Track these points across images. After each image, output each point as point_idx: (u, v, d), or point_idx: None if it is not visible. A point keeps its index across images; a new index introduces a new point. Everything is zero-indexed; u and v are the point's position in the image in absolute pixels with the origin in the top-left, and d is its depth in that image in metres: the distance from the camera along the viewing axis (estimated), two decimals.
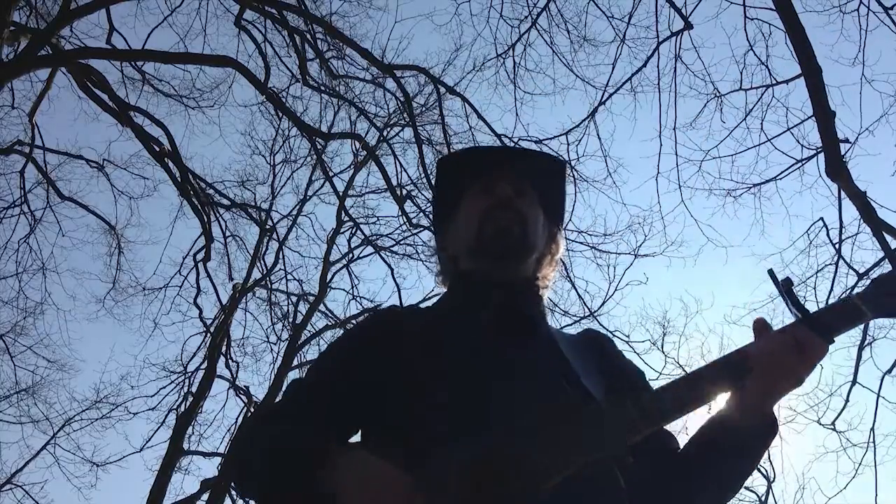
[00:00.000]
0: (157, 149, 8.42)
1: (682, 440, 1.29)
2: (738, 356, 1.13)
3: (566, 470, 1.01)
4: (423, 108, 9.18)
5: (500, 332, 1.26)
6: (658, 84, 6.62)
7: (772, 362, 1.10)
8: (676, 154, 6.50)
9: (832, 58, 6.34)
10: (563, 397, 1.07)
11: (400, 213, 8.71)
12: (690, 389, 1.10)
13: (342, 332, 1.58)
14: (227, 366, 10.89)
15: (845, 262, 6.44)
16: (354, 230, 11.35)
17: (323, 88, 9.23)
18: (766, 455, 1.22)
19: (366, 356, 1.26)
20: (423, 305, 1.57)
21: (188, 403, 10.42)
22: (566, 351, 1.29)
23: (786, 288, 1.15)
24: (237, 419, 10.81)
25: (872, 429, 6.72)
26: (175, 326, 10.96)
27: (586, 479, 1.03)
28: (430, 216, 1.62)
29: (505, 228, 1.37)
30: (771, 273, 1.17)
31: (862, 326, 6.59)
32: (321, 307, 11.41)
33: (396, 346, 1.25)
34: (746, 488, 8.13)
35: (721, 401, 1.18)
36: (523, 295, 1.38)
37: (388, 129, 9.83)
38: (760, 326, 1.16)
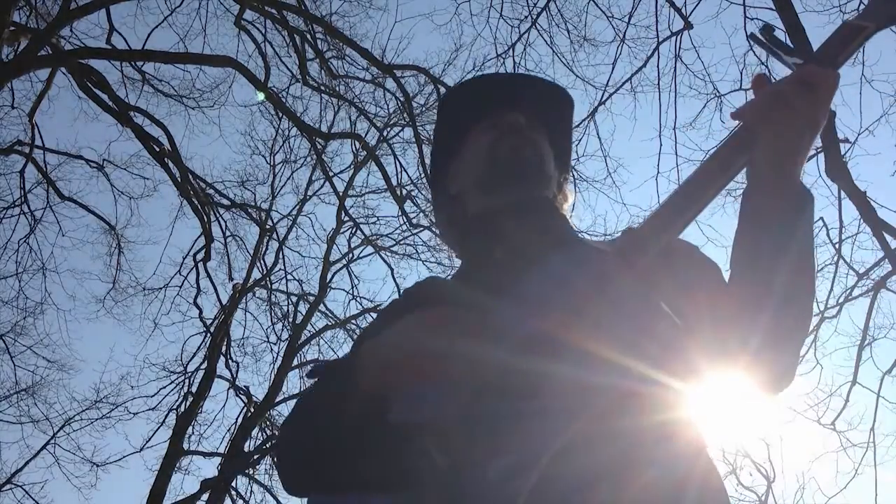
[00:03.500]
0: (157, 149, 8.41)
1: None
2: (738, 124, 0.99)
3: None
4: (423, 108, 9.16)
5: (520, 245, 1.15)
6: (658, 84, 6.61)
7: (783, 108, 0.97)
8: (676, 154, 6.49)
9: None
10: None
11: (400, 213, 8.74)
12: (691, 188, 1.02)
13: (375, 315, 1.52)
14: (227, 366, 10.91)
15: (845, 261, 6.46)
16: (354, 230, 11.36)
17: (323, 88, 9.24)
18: (813, 267, 1.01)
19: None
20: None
21: (188, 403, 10.42)
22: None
23: (769, 37, 1.02)
24: (237, 419, 10.83)
25: (872, 429, 6.73)
26: (175, 326, 11.01)
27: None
28: (429, 166, 1.49)
29: (519, 148, 1.27)
30: (752, 35, 1.04)
31: (862, 326, 6.60)
32: (321, 307, 11.42)
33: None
34: (746, 487, 8.14)
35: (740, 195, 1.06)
36: (545, 208, 1.27)
37: (388, 129, 9.83)
38: (759, 81, 1.00)
